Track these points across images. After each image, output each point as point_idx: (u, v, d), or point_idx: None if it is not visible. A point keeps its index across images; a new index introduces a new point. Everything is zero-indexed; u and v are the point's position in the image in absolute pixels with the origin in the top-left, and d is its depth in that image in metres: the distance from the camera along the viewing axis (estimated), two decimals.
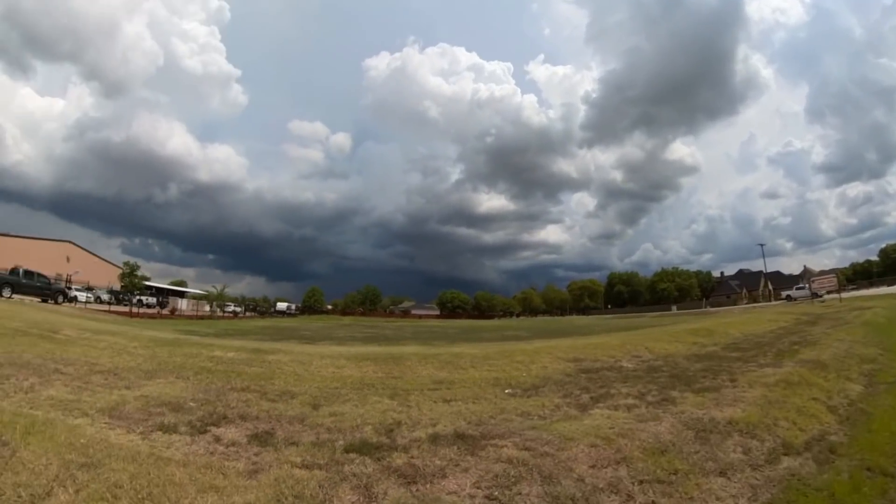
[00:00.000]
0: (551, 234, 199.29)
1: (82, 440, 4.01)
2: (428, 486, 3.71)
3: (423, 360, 9.98)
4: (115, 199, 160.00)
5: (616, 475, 3.95)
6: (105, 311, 30.94)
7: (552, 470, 3.99)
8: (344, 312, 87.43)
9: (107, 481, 3.27)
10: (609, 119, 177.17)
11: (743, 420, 5.35)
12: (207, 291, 63.47)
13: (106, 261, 65.68)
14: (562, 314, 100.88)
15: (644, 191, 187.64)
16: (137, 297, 46.99)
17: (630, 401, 6.52)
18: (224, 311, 57.11)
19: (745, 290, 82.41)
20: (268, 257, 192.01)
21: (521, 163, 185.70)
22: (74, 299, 33.63)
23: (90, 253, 64.30)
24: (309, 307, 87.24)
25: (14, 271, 27.23)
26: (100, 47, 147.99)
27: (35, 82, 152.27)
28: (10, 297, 23.91)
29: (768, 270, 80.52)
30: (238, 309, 64.21)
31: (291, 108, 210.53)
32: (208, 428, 4.88)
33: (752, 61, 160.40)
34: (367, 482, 3.70)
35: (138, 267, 55.21)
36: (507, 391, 7.47)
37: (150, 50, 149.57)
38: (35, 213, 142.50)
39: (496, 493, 3.62)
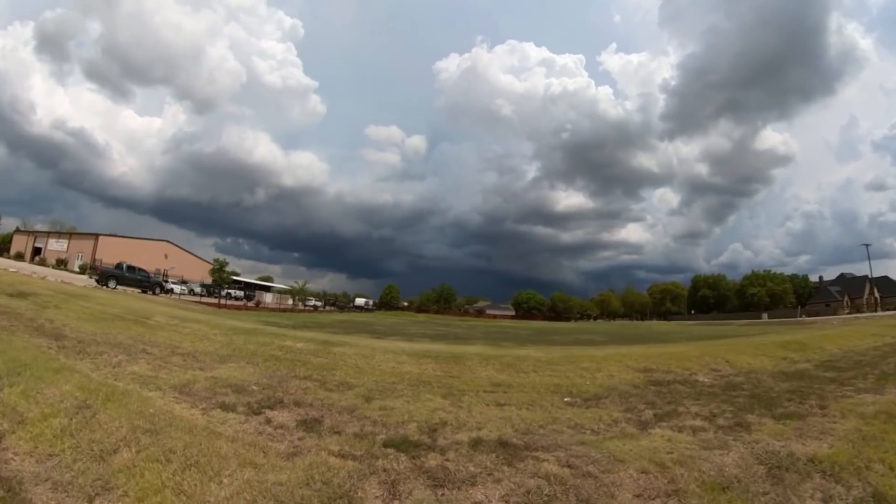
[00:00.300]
0: (632, 233, 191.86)
1: (151, 410, 4.52)
2: (454, 491, 3.65)
3: (485, 360, 9.95)
4: (209, 203, 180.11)
5: None
6: (196, 301, 33.95)
7: (591, 494, 3.68)
8: (419, 310, 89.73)
9: (163, 446, 3.68)
10: (691, 107, 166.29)
11: (828, 458, 4.50)
12: (291, 286, 67.79)
13: (199, 258, 72.29)
14: (641, 318, 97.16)
15: (732, 185, 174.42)
16: (226, 291, 51.35)
17: (698, 422, 5.86)
18: (305, 305, 60.70)
19: (846, 298, 73.52)
20: (348, 256, 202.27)
21: (598, 158, 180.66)
22: (170, 291, 37.41)
23: (185, 251, 71.40)
24: (385, 303, 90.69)
25: (119, 266, 31.24)
26: (188, 70, 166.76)
27: (135, 105, 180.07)
28: (114, 288, 26.99)
29: (875, 275, 71.70)
30: (318, 303, 68.03)
31: (367, 114, 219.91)
32: (263, 410, 5.24)
33: (847, 31, 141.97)
34: (396, 479, 3.75)
35: (227, 263, 60.31)
36: (565, 399, 7.13)
37: (234, 69, 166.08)
38: (139, 216, 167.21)
39: None
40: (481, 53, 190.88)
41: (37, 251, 58.68)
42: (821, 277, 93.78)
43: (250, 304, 46.76)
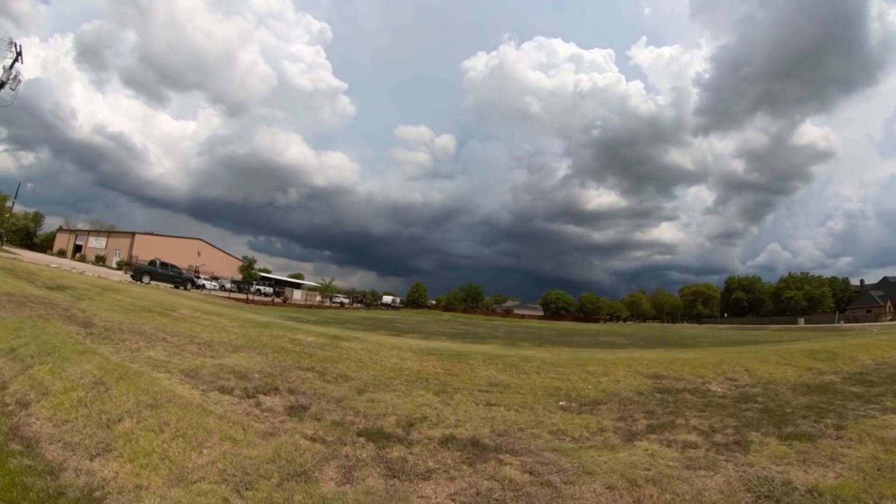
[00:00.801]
0: (665, 232, 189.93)
1: (155, 388, 5.16)
2: (406, 483, 3.81)
3: (489, 360, 10.11)
4: (242, 202, 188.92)
5: None
6: (225, 297, 35.49)
7: None
8: (446, 308, 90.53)
9: (160, 419, 4.28)
10: (725, 101, 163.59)
11: (831, 490, 3.91)
12: (319, 283, 70.01)
13: (230, 255, 75.46)
14: (673, 321, 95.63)
15: (769, 182, 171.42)
16: (256, 287, 53.42)
17: (692, 437, 5.41)
18: (332, 302, 62.40)
19: (889, 303, 69.71)
20: (378, 254, 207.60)
21: (630, 155, 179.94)
22: (202, 287, 39.19)
23: (217, 248, 74.76)
24: (413, 301, 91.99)
25: (153, 262, 33.31)
26: (221, 75, 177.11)
27: (170, 109, 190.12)
28: (148, 283, 28.66)
29: None
30: (346, 300, 69.84)
31: (397, 114, 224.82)
32: (257, 395, 5.78)
33: (889, 18, 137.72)
34: (354, 465, 4.02)
35: (255, 261, 62.74)
36: (560, 403, 6.99)
37: (265, 73, 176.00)
38: (176, 215, 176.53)
39: None
40: (509, 51, 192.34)
41: (77, 248, 62.55)
42: (862, 281, 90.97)
43: (277, 300, 48.44)
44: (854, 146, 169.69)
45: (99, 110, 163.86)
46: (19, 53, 26.40)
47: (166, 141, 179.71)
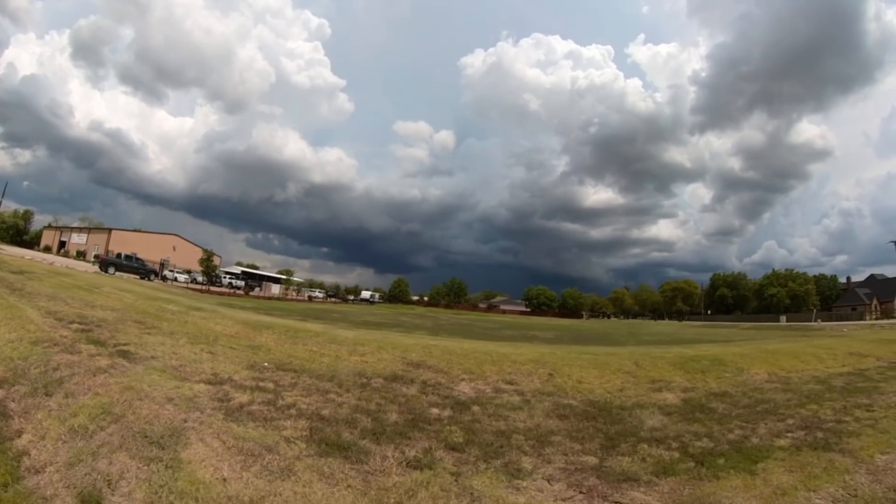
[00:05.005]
0: (663, 229, 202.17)
1: (19, 314, 10.91)
2: (69, 354, 8.54)
3: (285, 332, 12.72)
4: (240, 199, 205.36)
5: None
6: (185, 287, 41.99)
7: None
8: (429, 304, 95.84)
9: (9, 323, 10.02)
10: (723, 100, 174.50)
11: None
12: (285, 277, 77.60)
13: (205, 249, 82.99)
14: (659, 318, 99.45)
15: (766, 180, 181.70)
16: (230, 280, 60.28)
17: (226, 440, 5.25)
18: (298, 295, 69.11)
19: (875, 301, 73.51)
20: (376, 250, 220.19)
21: (628, 153, 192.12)
22: (173, 279, 45.94)
23: (192, 243, 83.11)
24: (393, 296, 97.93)
25: (118, 255, 40.28)
26: (219, 72, 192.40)
27: (168, 106, 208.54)
28: (113, 274, 34.88)
29: None
30: (318, 294, 76.43)
31: (395, 110, 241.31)
32: (73, 323, 10.33)
33: (886, 17, 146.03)
34: (65, 350, 8.07)
35: (213, 254, 69.67)
36: (265, 364, 8.86)
37: (263, 70, 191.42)
38: (173, 212, 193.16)
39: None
40: (506, 48, 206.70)
41: (62, 244, 71.24)
42: (848, 278, 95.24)
43: (239, 291, 55.03)
44: (851, 145, 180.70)
45: (96, 107, 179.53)
46: None
47: (164, 138, 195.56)
